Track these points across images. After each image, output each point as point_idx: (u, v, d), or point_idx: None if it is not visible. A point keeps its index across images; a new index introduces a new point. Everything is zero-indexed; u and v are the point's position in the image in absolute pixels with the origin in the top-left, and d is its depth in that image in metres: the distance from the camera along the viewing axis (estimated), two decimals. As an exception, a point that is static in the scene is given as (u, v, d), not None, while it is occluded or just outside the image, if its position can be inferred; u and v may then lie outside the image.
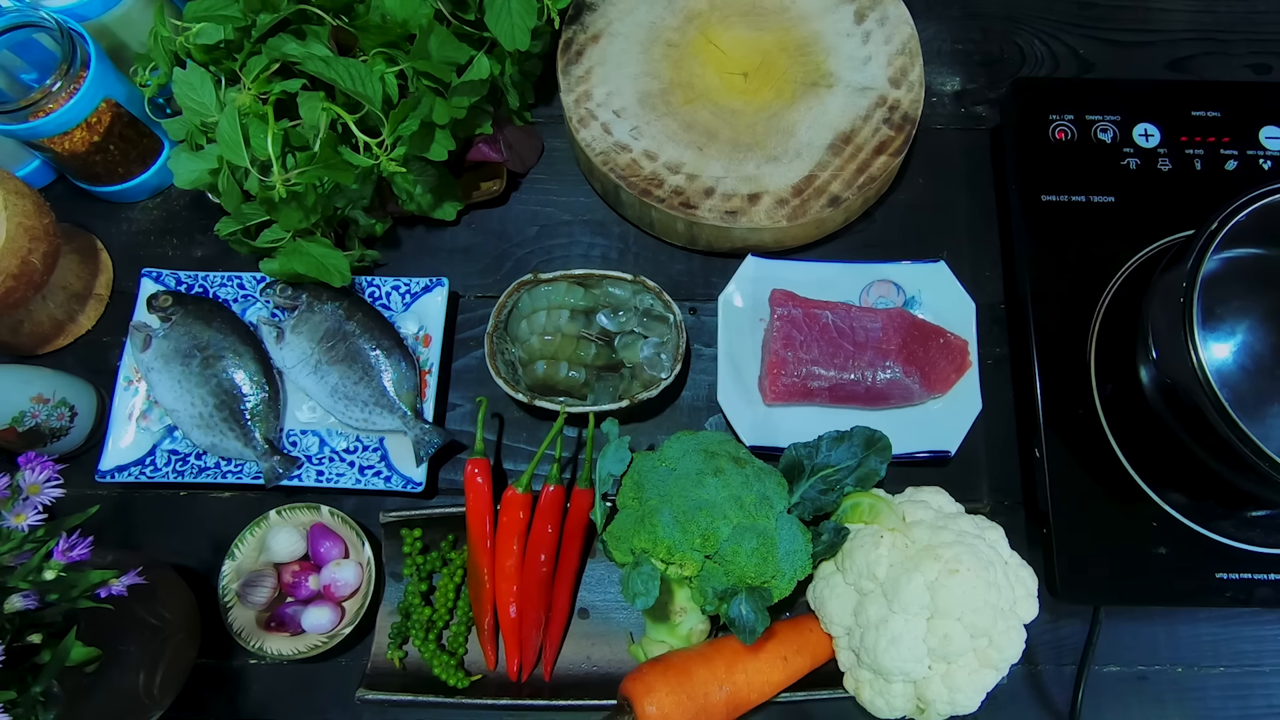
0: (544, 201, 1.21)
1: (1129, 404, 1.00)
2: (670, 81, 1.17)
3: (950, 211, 1.20)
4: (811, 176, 1.12)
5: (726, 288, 1.11)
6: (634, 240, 1.19)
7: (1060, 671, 1.03)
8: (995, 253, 1.17)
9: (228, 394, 1.07)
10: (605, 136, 1.15)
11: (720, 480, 0.93)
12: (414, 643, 1.02)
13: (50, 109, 1.06)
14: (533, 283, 1.11)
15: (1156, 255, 1.06)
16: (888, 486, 1.01)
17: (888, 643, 0.90)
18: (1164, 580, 0.96)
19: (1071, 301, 1.05)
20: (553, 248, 1.18)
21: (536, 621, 1.01)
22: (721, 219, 1.11)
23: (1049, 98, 1.14)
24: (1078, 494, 0.99)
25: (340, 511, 1.05)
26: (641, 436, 1.11)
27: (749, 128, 1.15)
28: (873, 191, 1.15)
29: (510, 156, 1.17)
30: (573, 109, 1.17)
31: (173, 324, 1.10)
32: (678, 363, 1.07)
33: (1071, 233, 1.08)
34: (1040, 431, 1.01)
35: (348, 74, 0.99)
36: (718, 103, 1.16)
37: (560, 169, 1.23)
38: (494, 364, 1.08)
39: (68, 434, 1.09)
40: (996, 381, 1.12)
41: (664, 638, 0.97)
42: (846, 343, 1.06)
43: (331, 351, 1.08)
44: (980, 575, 0.89)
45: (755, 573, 0.91)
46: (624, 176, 1.13)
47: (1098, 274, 1.06)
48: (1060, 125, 1.12)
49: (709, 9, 1.21)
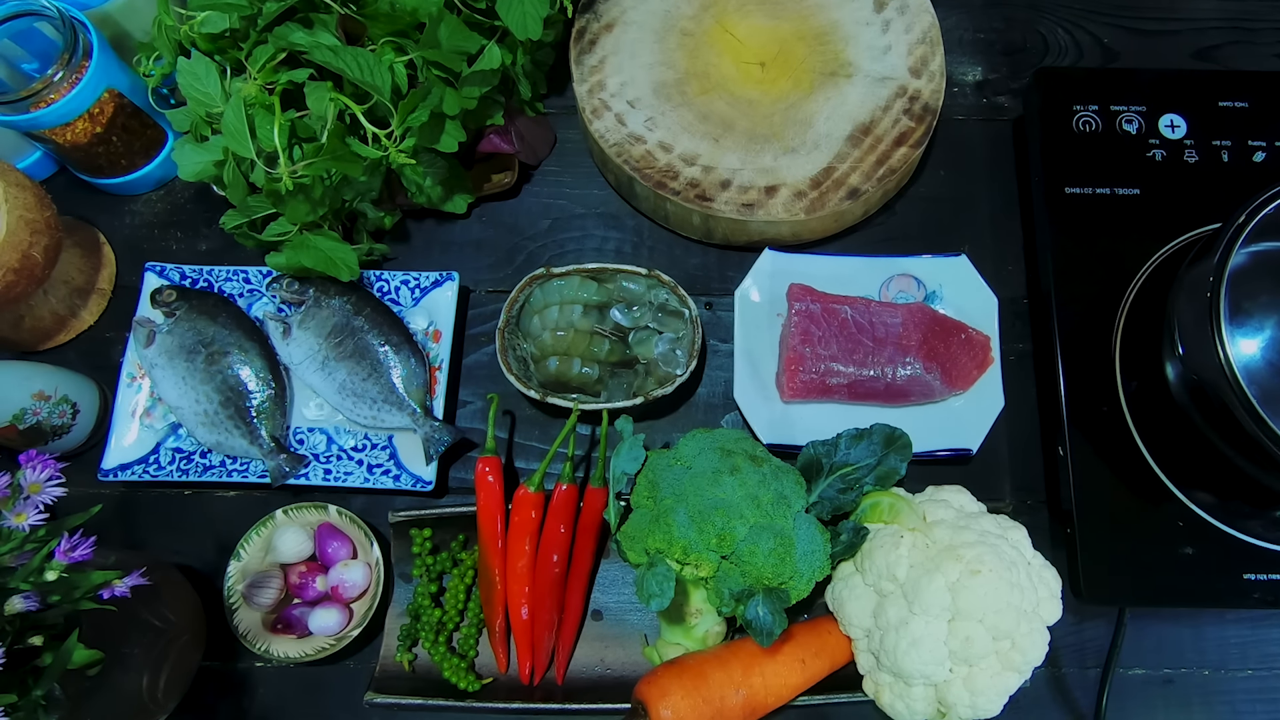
0: (556, 194, 1.19)
1: (1155, 401, 0.99)
2: (686, 71, 1.15)
3: (972, 204, 1.18)
4: (830, 168, 1.10)
5: (743, 282, 1.09)
6: (649, 234, 1.17)
7: (1084, 674, 1.01)
8: (1018, 246, 1.15)
9: (233, 391, 1.06)
10: (619, 128, 1.13)
11: (737, 479, 0.91)
12: (424, 645, 1.01)
13: (52, 99, 1.05)
14: (545, 277, 1.09)
15: (1183, 249, 1.04)
16: (908, 485, 1.00)
17: (908, 645, 0.88)
18: (1191, 581, 0.95)
19: (1096, 296, 1.04)
20: (565, 241, 1.17)
21: (549, 623, 0.99)
22: (738, 212, 1.09)
23: (1073, 88, 1.12)
24: (1102, 493, 0.97)
25: (348, 511, 1.04)
26: (656, 434, 1.10)
27: (766, 119, 1.13)
28: (893, 184, 1.13)
29: (522, 148, 1.15)
30: (586, 99, 1.15)
31: (177, 319, 1.08)
32: (693, 359, 1.05)
33: (1096, 226, 1.06)
34: (1064, 429, 1.00)
35: (356, 63, 0.97)
36: (734, 93, 1.14)
37: (573, 161, 1.21)
38: (505, 360, 1.06)
39: (69, 432, 1.07)
40: (1019, 378, 1.10)
41: (679, 640, 0.96)
42: (866, 338, 1.05)
43: (339, 347, 1.06)
44: (1003, 576, 0.87)
45: (773, 573, 0.90)
46: (638, 169, 1.11)
47: (1122, 268, 1.04)
48: (1084, 116, 1.10)
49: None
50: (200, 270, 1.13)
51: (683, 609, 0.95)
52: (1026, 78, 1.19)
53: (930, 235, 1.16)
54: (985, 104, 1.23)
